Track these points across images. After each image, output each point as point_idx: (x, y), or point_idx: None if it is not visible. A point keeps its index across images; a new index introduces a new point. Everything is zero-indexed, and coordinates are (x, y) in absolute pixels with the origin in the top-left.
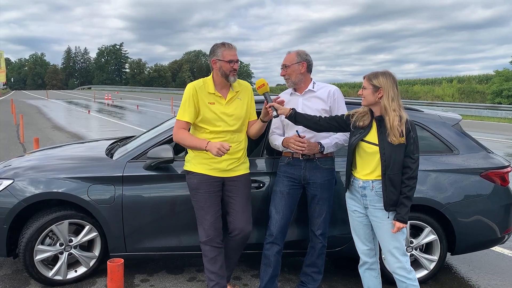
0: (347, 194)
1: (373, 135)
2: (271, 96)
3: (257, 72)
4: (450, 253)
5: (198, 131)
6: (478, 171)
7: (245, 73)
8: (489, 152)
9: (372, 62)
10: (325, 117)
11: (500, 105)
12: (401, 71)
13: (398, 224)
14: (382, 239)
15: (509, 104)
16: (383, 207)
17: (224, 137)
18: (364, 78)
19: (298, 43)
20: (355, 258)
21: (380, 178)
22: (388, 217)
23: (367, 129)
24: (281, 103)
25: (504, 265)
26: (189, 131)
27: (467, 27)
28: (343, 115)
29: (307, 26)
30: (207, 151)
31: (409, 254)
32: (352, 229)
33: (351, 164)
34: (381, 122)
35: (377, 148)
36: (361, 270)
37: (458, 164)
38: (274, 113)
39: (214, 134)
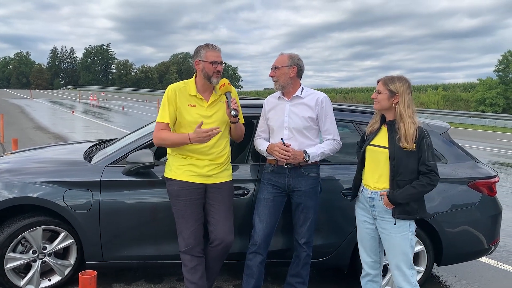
0: (357, 204)
1: (381, 138)
2: (236, 97)
3: (245, 76)
4: (436, 264)
5: None
6: (466, 181)
7: (233, 76)
8: (477, 162)
9: (359, 68)
10: (357, 152)
11: (483, 113)
12: None
13: (386, 199)
14: (389, 252)
15: (493, 112)
16: (391, 218)
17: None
18: (378, 82)
19: (287, 48)
20: (341, 269)
21: (389, 188)
22: (395, 224)
23: (374, 133)
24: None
25: (490, 275)
26: None
27: (453, 36)
28: (363, 136)
29: (296, 31)
30: (192, 143)
31: None
32: (359, 239)
33: (360, 173)
34: (392, 127)
35: (385, 150)
36: (363, 281)
37: (446, 174)
38: (233, 113)
39: None
